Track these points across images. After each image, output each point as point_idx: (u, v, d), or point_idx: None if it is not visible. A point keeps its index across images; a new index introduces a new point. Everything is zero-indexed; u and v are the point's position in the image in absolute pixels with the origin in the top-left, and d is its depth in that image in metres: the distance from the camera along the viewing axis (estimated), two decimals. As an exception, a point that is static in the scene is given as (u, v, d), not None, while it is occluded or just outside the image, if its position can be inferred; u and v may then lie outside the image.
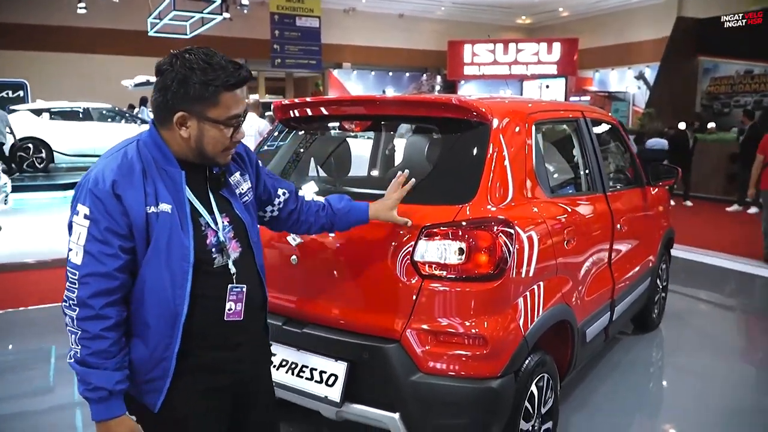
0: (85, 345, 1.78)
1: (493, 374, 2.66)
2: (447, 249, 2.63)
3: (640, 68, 24.60)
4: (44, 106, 15.91)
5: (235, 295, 1.97)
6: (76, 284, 1.79)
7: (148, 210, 1.82)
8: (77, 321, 1.79)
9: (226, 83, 1.84)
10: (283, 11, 22.62)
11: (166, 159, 1.89)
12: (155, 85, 1.88)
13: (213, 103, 1.85)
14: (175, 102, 1.83)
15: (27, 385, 4.44)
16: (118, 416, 1.83)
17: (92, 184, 1.81)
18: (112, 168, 1.83)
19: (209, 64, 1.83)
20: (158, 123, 1.91)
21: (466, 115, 2.96)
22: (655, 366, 4.89)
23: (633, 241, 4.41)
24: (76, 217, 1.82)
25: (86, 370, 1.78)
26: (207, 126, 1.87)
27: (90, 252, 1.79)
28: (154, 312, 1.86)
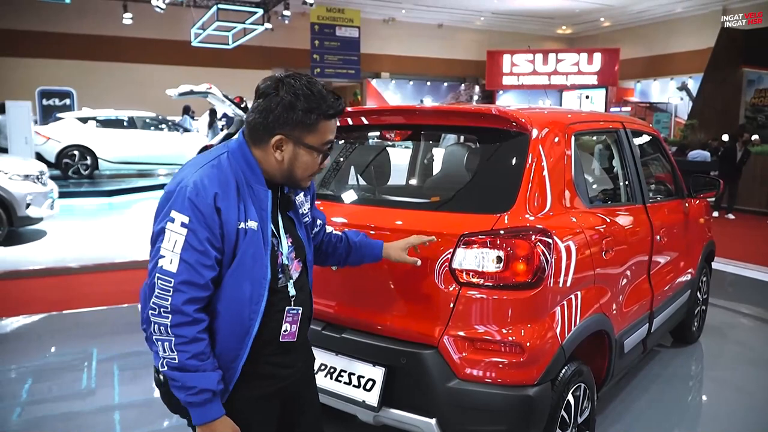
0: (182, 350, 1.79)
1: (530, 382, 2.67)
2: (485, 257, 2.66)
3: (683, 79, 24.26)
4: (90, 114, 16.30)
5: (292, 317, 2.04)
6: (169, 291, 1.80)
7: (239, 225, 1.87)
8: (171, 328, 1.79)
9: (326, 112, 1.92)
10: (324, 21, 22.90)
11: (256, 177, 1.95)
12: (255, 106, 1.93)
13: (311, 130, 1.92)
14: (276, 125, 1.90)
15: (69, 387, 4.55)
16: (220, 417, 1.87)
17: (192, 194, 1.82)
18: (211, 178, 1.86)
19: (312, 92, 1.90)
20: (252, 142, 1.96)
21: (505, 125, 2.99)
22: (695, 379, 4.83)
23: (673, 253, 4.37)
24: (170, 224, 1.82)
25: (187, 375, 1.80)
26: (302, 151, 1.94)
27: (187, 261, 1.80)
28: (227, 324, 1.90)
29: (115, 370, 4.79)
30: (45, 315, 6.00)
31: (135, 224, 10.89)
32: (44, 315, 6.00)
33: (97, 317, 6.01)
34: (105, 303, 6.35)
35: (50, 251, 8.50)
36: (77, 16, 21.07)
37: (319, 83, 1.94)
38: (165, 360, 1.81)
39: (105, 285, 7.11)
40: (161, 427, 3.94)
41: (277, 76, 1.94)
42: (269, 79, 1.94)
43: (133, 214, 12.30)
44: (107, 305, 6.30)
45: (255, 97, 1.95)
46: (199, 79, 16.24)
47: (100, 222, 11.03)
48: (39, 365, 4.92)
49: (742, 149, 13.43)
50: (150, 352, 1.90)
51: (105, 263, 7.76)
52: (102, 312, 6.15)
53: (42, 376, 4.71)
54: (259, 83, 1.95)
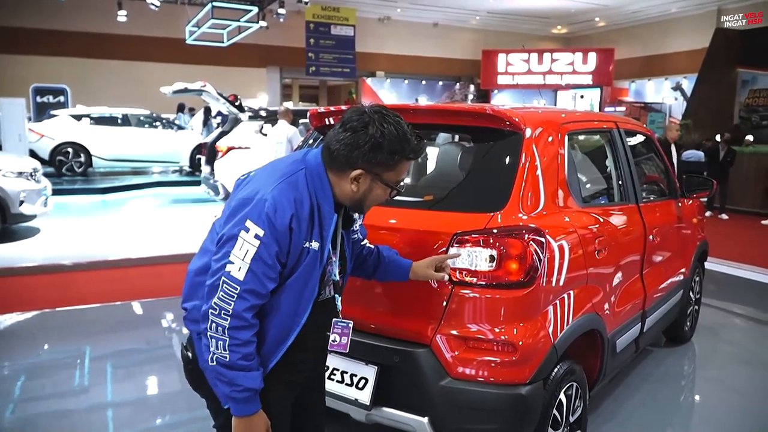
0: (235, 351, 1.88)
1: (522, 381, 2.68)
2: (478, 256, 2.67)
3: (678, 79, 24.30)
4: (84, 112, 16.27)
5: (340, 329, 2.21)
6: (234, 297, 1.87)
7: (305, 245, 1.95)
8: (229, 330, 1.88)
9: (408, 155, 2.01)
10: (319, 20, 22.87)
11: (326, 199, 2.01)
12: (341, 138, 1.97)
13: (392, 168, 2.01)
14: (359, 160, 1.97)
15: (62, 384, 4.54)
16: (258, 410, 1.97)
17: (270, 210, 1.88)
18: (290, 199, 1.92)
19: (398, 134, 1.97)
20: (330, 166, 2.02)
21: (499, 124, 3.00)
22: (687, 379, 4.85)
23: (666, 253, 4.39)
24: (244, 234, 1.88)
25: (236, 374, 1.90)
26: (377, 185, 2.03)
27: (254, 271, 1.88)
28: (270, 330, 2.00)
29: (109, 368, 4.78)
30: (38, 312, 5.99)
31: (129, 222, 10.88)
32: (37, 312, 5.99)
33: (90, 315, 6.00)
34: (98, 301, 6.34)
35: (44, 249, 8.47)
36: (72, 13, 20.97)
37: (405, 123, 2.01)
38: (216, 356, 1.90)
39: (98, 283, 7.09)
40: (154, 425, 3.94)
41: (366, 109, 2.00)
42: (358, 112, 2.00)
43: (127, 211, 12.27)
44: (101, 303, 6.28)
45: (341, 128, 1.99)
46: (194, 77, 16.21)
47: (93, 219, 11.00)
48: (32, 363, 4.91)
49: (724, 149, 13.51)
50: (143, 350, 1.93)
51: (98, 261, 7.74)
52: (95, 310, 6.13)
53: (35, 374, 4.70)
54: (346, 114, 2.01)
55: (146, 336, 5.56)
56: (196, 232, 9.36)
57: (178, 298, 6.30)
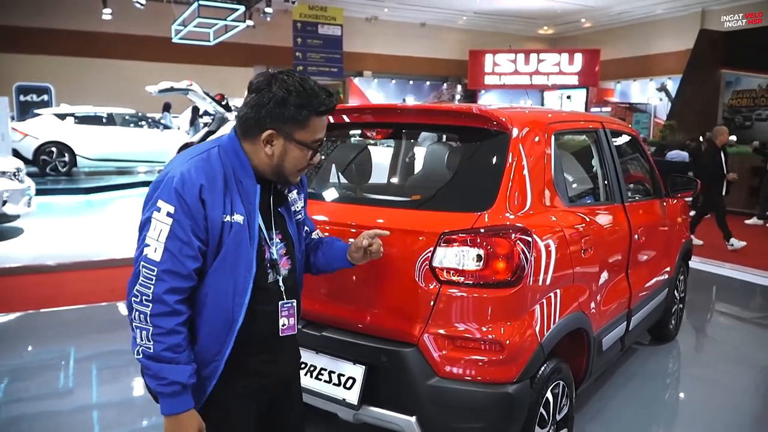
0: (159, 340, 1.81)
1: (509, 380, 2.69)
2: (465, 255, 2.67)
3: (662, 80, 24.49)
4: (68, 111, 16.13)
5: (287, 311, 2.08)
6: (152, 280, 1.81)
7: (225, 218, 1.89)
8: (151, 317, 1.81)
9: (317, 109, 1.93)
10: (306, 19, 22.85)
11: (245, 171, 1.96)
12: (248, 102, 1.95)
13: (303, 126, 1.94)
14: (267, 120, 1.91)
15: (47, 386, 4.50)
16: (189, 409, 1.88)
17: (178, 184, 1.84)
18: (198, 171, 1.88)
19: (304, 88, 1.91)
20: (242, 136, 1.98)
21: (486, 124, 3.01)
22: (672, 377, 4.88)
23: (651, 252, 4.42)
24: (156, 213, 1.84)
25: (160, 366, 1.82)
26: (292, 146, 1.95)
27: (171, 250, 1.82)
28: (212, 317, 1.92)
29: (94, 369, 4.75)
30: (22, 313, 5.94)
31: (113, 222, 10.81)
32: (21, 313, 5.94)
33: (75, 316, 5.96)
34: (83, 301, 6.29)
35: (27, 249, 8.40)
36: (56, 11, 20.84)
37: (312, 80, 1.96)
38: (141, 348, 1.83)
39: (83, 283, 7.05)
40: (140, 426, 3.91)
41: (270, 72, 1.96)
42: (262, 75, 1.96)
43: (111, 211, 12.20)
44: (85, 303, 6.24)
45: (247, 92, 1.96)
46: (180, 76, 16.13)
47: (78, 220, 10.92)
48: (16, 364, 4.87)
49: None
50: (129, 351, 1.89)
51: (83, 261, 7.69)
52: (80, 310, 6.09)
53: (19, 375, 4.66)
54: (252, 79, 1.97)
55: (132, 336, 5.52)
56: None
57: (164, 298, 6.07)
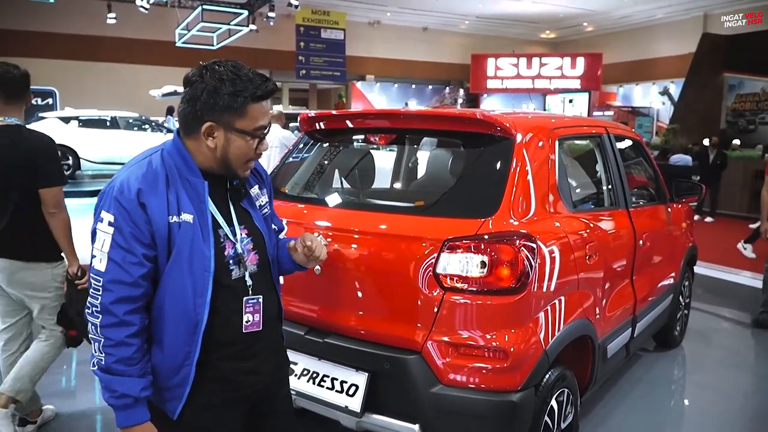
0: (109, 353, 1.79)
1: (513, 387, 2.67)
2: (469, 262, 2.65)
3: (665, 84, 24.47)
4: (72, 114, 16.15)
5: (252, 307, 2.00)
6: (99, 291, 1.80)
7: (171, 219, 1.84)
8: (101, 328, 1.80)
9: (254, 95, 1.87)
10: (309, 23, 22.86)
11: (190, 169, 1.91)
12: (183, 96, 1.91)
13: (241, 114, 1.87)
14: (204, 112, 1.86)
15: (49, 389, 4.48)
16: (141, 423, 1.86)
17: (117, 192, 1.82)
18: (137, 176, 1.85)
19: (238, 75, 1.86)
20: (184, 133, 1.94)
21: (489, 129, 2.99)
22: (677, 383, 4.86)
23: (655, 258, 4.40)
24: (100, 224, 1.83)
25: (111, 378, 1.80)
26: (234, 136, 1.89)
27: (114, 259, 1.80)
28: (174, 320, 1.88)
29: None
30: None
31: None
32: (24, 318, 5.92)
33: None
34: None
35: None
36: (61, 16, 20.87)
37: (246, 67, 1.91)
38: (95, 359, 1.82)
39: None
40: None
41: (202, 63, 1.91)
42: (196, 68, 1.91)
43: (115, 215, 12.18)
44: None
45: (183, 87, 1.91)
46: (183, 80, 16.12)
47: (81, 223, 10.86)
48: (18, 369, 4.85)
49: (713, 152, 13.62)
50: None
51: (85, 264, 7.66)
52: (83, 315, 6.07)
53: (21, 380, 4.64)
54: (187, 73, 1.91)
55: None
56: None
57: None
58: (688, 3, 22.84)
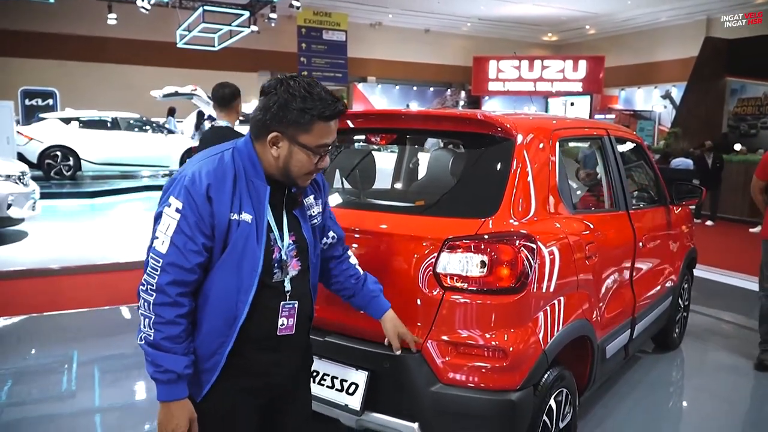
0: (158, 329, 1.89)
1: (512, 387, 2.68)
2: (469, 262, 2.66)
3: (667, 87, 24.47)
4: (73, 115, 16.17)
5: (288, 311, 2.10)
6: (157, 270, 1.90)
7: (232, 216, 1.95)
8: (153, 306, 1.89)
9: (321, 114, 1.96)
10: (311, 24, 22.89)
11: (256, 172, 2.02)
12: (258, 104, 2.01)
13: (306, 130, 1.97)
14: (272, 122, 1.96)
15: (49, 389, 4.50)
16: (181, 399, 1.96)
17: (188, 182, 1.92)
18: (208, 171, 1.95)
19: (310, 93, 1.95)
20: (254, 138, 2.04)
21: (490, 130, 3.00)
22: (676, 386, 4.86)
23: (655, 260, 4.40)
24: (167, 209, 1.93)
25: (158, 353, 1.90)
26: (296, 149, 1.99)
27: (176, 244, 1.90)
28: (215, 311, 1.98)
29: (96, 373, 4.75)
30: (25, 317, 5.94)
31: (117, 226, 10.83)
32: (25, 317, 5.94)
33: (78, 319, 5.96)
34: (86, 305, 6.30)
35: (31, 252, 8.42)
36: (61, 16, 20.92)
37: (320, 86, 1.99)
38: (143, 335, 1.92)
39: (86, 287, 7.05)
40: (141, 430, 3.91)
41: (280, 76, 2.01)
42: (273, 79, 2.01)
43: (115, 215, 12.22)
44: (88, 307, 6.24)
45: (260, 95, 2.02)
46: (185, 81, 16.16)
47: (82, 224, 10.94)
48: (19, 367, 4.87)
49: (710, 156, 13.70)
50: (131, 355, 1.93)
51: (87, 265, 7.69)
52: (83, 314, 6.09)
53: (22, 379, 4.66)
54: (264, 83, 2.03)
55: (134, 341, 5.47)
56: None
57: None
58: (691, 6, 22.88)
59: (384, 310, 2.55)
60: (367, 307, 2.54)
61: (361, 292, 2.51)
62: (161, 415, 1.97)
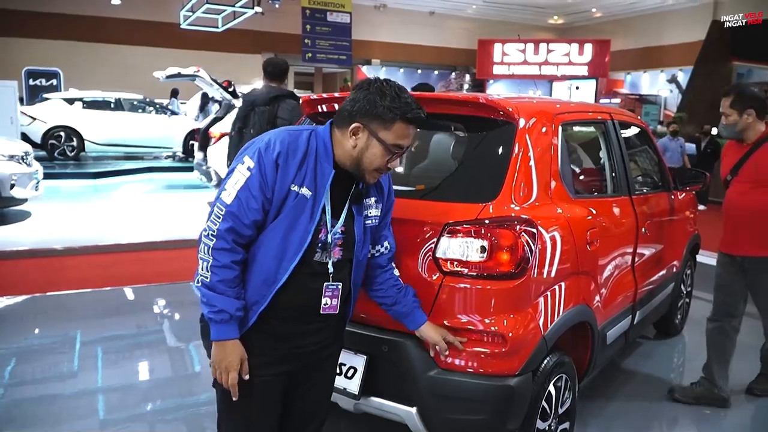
0: (215, 272, 2.06)
1: (511, 372, 2.68)
2: (469, 246, 2.65)
3: (673, 71, 24.29)
4: (77, 96, 16.15)
5: (331, 292, 2.25)
6: (220, 218, 2.07)
7: (293, 187, 2.11)
8: (213, 250, 2.07)
9: (404, 114, 2.13)
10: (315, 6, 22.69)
11: (326, 155, 2.18)
12: (349, 96, 2.19)
13: (387, 127, 2.14)
14: (358, 114, 2.14)
15: (52, 369, 4.52)
16: (233, 338, 2.11)
17: (264, 147, 2.10)
18: (282, 140, 2.13)
19: (399, 96, 2.14)
20: (337, 125, 2.21)
21: (493, 114, 2.97)
22: (676, 372, 4.86)
23: (657, 245, 4.38)
24: (240, 166, 2.11)
25: (213, 295, 2.07)
26: (374, 143, 2.15)
27: (240, 197, 2.07)
28: (258, 271, 2.14)
29: (99, 353, 4.76)
30: (28, 297, 5.97)
31: (120, 207, 10.83)
32: (27, 297, 5.96)
33: (80, 300, 5.98)
34: (89, 286, 6.32)
35: (34, 233, 8.44)
36: (66, -4, 20.83)
37: (407, 92, 2.17)
38: (200, 277, 2.09)
39: (89, 268, 7.07)
40: (144, 411, 3.92)
41: (374, 77, 2.21)
42: (368, 78, 2.23)
43: (118, 196, 12.23)
44: (91, 288, 6.27)
45: (351, 89, 2.22)
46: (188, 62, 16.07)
47: (85, 204, 10.95)
48: (21, 347, 4.89)
49: (705, 140, 13.71)
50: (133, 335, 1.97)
51: (89, 246, 7.71)
52: (86, 295, 6.11)
53: (24, 359, 4.68)
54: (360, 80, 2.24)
55: (136, 321, 5.53)
56: (188, 218, 9.32)
57: (169, 284, 6.29)
58: (698, -10, 22.67)
59: (424, 321, 2.61)
60: (408, 315, 2.61)
61: (404, 300, 2.59)
62: (215, 354, 2.12)
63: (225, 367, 2.10)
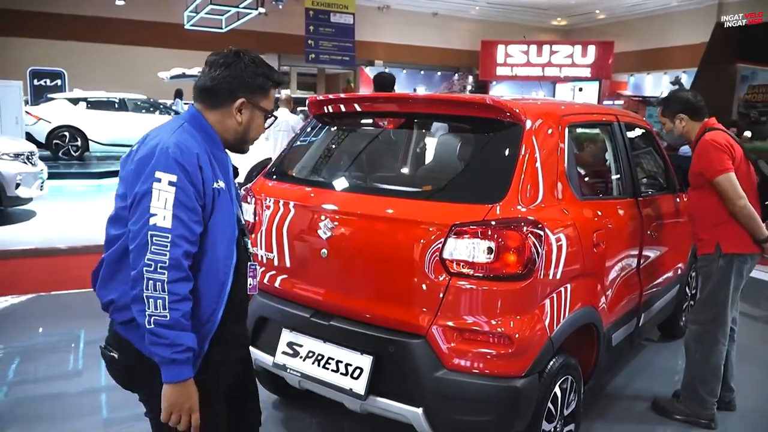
0: (175, 308, 1.84)
1: (517, 374, 2.68)
2: (476, 248, 2.65)
3: (677, 73, 24.26)
4: (81, 96, 16.18)
5: (252, 272, 2.20)
6: (167, 246, 1.84)
7: (214, 185, 1.99)
8: (168, 284, 1.83)
9: (276, 80, 2.14)
10: (318, 7, 22.71)
11: (215, 143, 2.08)
12: (216, 74, 2.04)
13: (266, 95, 2.12)
14: (240, 90, 2.05)
15: (55, 368, 4.53)
16: (191, 377, 1.92)
17: (176, 154, 1.90)
18: (190, 141, 1.97)
19: (264, 62, 2.12)
20: (210, 107, 2.07)
21: (499, 115, 2.98)
22: (681, 374, 4.83)
23: (663, 248, 4.38)
24: (157, 185, 1.86)
25: (176, 333, 1.84)
26: (257, 114, 2.12)
27: (179, 216, 1.87)
28: (207, 280, 1.98)
29: (102, 353, 4.76)
30: (33, 296, 5.97)
31: (124, 207, 10.81)
32: (32, 296, 5.97)
33: (84, 299, 5.96)
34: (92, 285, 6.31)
35: (39, 232, 8.45)
36: (70, -4, 20.87)
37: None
38: (153, 318, 1.83)
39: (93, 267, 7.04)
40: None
41: (230, 49, 2.10)
42: (220, 53, 2.09)
43: (122, 196, 12.20)
44: (95, 288, 6.26)
45: (209, 67, 2.07)
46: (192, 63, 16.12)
47: (89, 204, 10.96)
48: (26, 346, 4.90)
49: None
50: None
51: (93, 245, 7.70)
52: (90, 294, 6.05)
53: (28, 357, 4.69)
54: (210, 56, 2.09)
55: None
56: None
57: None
58: (702, -9, 22.64)
59: None
60: None
61: None
62: (173, 397, 1.89)
63: (188, 408, 1.91)
